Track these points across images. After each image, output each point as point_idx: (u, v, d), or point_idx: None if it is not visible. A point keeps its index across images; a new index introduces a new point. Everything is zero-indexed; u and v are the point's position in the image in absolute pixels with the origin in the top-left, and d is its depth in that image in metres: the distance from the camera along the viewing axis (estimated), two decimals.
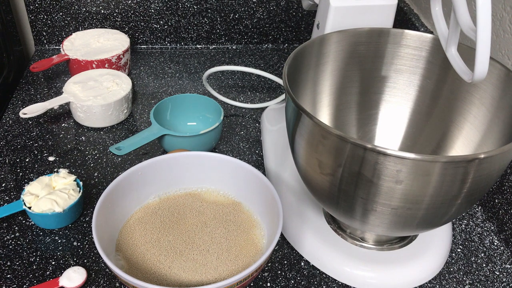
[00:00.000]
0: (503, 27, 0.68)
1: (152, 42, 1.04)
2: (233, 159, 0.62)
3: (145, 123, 0.84)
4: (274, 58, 1.03)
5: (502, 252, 0.66)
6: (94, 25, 1.00)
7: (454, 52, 0.52)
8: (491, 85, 0.58)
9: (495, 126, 0.58)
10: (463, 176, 0.46)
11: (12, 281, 0.58)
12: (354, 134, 0.69)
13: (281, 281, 0.60)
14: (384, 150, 0.45)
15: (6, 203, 0.68)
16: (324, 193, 0.55)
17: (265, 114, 0.83)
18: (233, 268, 0.56)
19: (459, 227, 0.69)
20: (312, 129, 0.50)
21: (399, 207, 0.49)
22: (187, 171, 0.64)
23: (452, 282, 0.61)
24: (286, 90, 0.53)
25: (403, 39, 0.64)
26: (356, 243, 0.62)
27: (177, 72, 0.97)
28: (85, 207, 0.68)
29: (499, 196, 0.67)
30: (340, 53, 0.64)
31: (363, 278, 0.60)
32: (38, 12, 0.97)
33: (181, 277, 0.54)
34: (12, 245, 0.63)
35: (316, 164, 0.52)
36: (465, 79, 0.49)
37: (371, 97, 0.68)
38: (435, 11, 0.54)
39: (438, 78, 0.64)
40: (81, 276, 0.58)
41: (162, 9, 0.99)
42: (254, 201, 0.62)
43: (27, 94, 0.89)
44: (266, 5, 1.01)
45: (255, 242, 0.59)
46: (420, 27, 0.89)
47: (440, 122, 0.65)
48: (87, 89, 0.82)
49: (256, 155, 0.79)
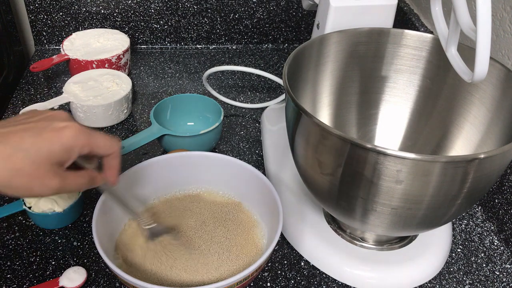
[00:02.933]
0: (503, 27, 0.68)
1: (152, 42, 1.04)
2: (233, 159, 0.62)
3: (145, 123, 0.84)
4: (274, 58, 1.03)
5: (502, 252, 0.66)
6: (94, 25, 1.00)
7: (454, 52, 0.52)
8: (491, 85, 0.58)
9: (495, 126, 0.58)
10: (463, 176, 0.46)
11: (12, 281, 0.58)
12: (354, 134, 0.69)
13: (281, 281, 0.60)
14: (384, 150, 0.45)
15: (6, 203, 0.68)
16: (324, 193, 0.55)
17: (265, 114, 0.83)
18: (233, 268, 0.56)
19: (459, 227, 0.69)
20: (312, 129, 0.50)
21: (399, 207, 0.49)
22: (187, 171, 0.64)
23: (452, 282, 0.61)
24: (286, 90, 0.53)
25: (403, 39, 0.64)
26: (356, 243, 0.62)
27: (177, 72, 0.97)
28: (85, 207, 0.68)
29: (499, 196, 0.67)
30: (340, 53, 0.64)
31: (363, 278, 0.60)
32: (38, 12, 0.97)
33: (182, 277, 0.54)
34: (12, 245, 0.63)
35: (316, 164, 0.52)
36: (465, 79, 0.49)
37: (371, 97, 0.68)
38: (435, 11, 0.54)
39: (438, 78, 0.64)
40: (81, 276, 0.58)
41: (162, 9, 0.99)
42: (254, 201, 0.62)
43: (27, 94, 0.89)
44: (266, 5, 1.01)
45: (255, 242, 0.59)
46: (420, 27, 0.89)
47: (440, 122, 0.65)
48: (87, 89, 0.82)
49: (256, 155, 0.79)
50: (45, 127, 0.44)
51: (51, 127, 0.44)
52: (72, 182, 0.47)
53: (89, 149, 0.47)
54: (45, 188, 0.44)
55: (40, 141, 0.43)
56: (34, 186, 0.43)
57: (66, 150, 0.45)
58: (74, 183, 0.47)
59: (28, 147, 0.42)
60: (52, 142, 0.44)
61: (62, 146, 0.44)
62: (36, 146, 0.43)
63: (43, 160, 0.43)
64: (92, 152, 0.48)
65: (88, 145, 0.46)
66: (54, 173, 0.44)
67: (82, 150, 0.46)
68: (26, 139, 0.43)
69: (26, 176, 0.43)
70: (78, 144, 0.45)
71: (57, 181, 0.45)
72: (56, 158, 0.44)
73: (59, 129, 0.44)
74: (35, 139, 0.43)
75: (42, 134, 0.44)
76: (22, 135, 0.43)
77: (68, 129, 0.44)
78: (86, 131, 0.46)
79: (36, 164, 0.43)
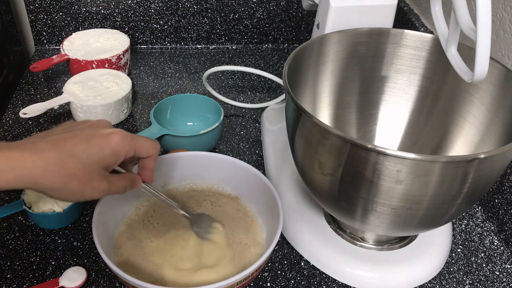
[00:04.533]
0: (503, 27, 0.68)
1: (152, 42, 1.04)
2: (233, 159, 0.62)
3: (145, 123, 0.84)
4: (274, 58, 1.03)
5: (502, 252, 0.66)
6: (94, 25, 1.00)
7: (454, 52, 0.52)
8: (491, 85, 0.58)
9: (495, 126, 0.58)
10: (463, 176, 0.46)
11: (12, 281, 0.58)
12: (354, 134, 0.69)
13: (281, 281, 0.60)
14: (384, 150, 0.45)
15: (6, 203, 0.68)
16: (324, 193, 0.55)
17: (265, 114, 0.83)
18: (233, 268, 0.56)
19: (459, 227, 0.69)
20: (312, 129, 0.50)
21: (399, 207, 0.49)
22: (187, 171, 0.64)
23: (452, 282, 0.61)
24: (286, 90, 0.53)
25: (403, 39, 0.64)
26: (356, 243, 0.62)
27: (177, 72, 0.97)
28: (85, 207, 0.68)
29: (499, 196, 0.67)
30: (340, 53, 0.64)
31: (363, 278, 0.60)
32: (38, 12, 0.97)
33: (182, 277, 0.54)
34: (12, 245, 0.63)
35: (316, 164, 0.52)
36: (465, 79, 0.49)
37: (371, 97, 0.68)
38: (435, 11, 0.54)
39: (438, 78, 0.64)
40: (81, 276, 0.58)
41: (162, 9, 0.99)
42: (254, 201, 0.62)
43: (27, 94, 0.89)
44: (266, 5, 1.01)
45: (255, 242, 0.59)
46: (420, 27, 0.89)
47: (440, 122, 0.65)
48: (87, 89, 0.82)
49: (256, 155, 0.79)
50: (93, 134, 0.47)
51: (99, 134, 0.47)
52: (118, 184, 0.50)
53: (133, 153, 0.50)
54: (95, 191, 0.47)
55: (90, 147, 0.46)
56: (85, 190, 0.46)
57: (115, 154, 0.47)
58: (120, 185, 0.50)
59: (80, 153, 0.45)
60: (101, 148, 0.46)
61: (111, 151, 0.47)
62: (87, 152, 0.45)
63: (93, 165, 0.46)
64: (136, 155, 0.51)
65: (133, 149, 0.49)
66: (103, 176, 0.47)
67: (128, 153, 0.49)
68: (78, 146, 0.45)
69: (79, 180, 0.45)
70: (125, 148, 0.48)
71: (105, 184, 0.47)
72: (105, 162, 0.47)
73: (106, 135, 0.47)
74: (86, 145, 0.45)
75: (92, 140, 0.46)
76: (74, 141, 0.45)
77: (115, 135, 0.47)
78: (130, 135, 0.49)
79: (88, 169, 0.45)
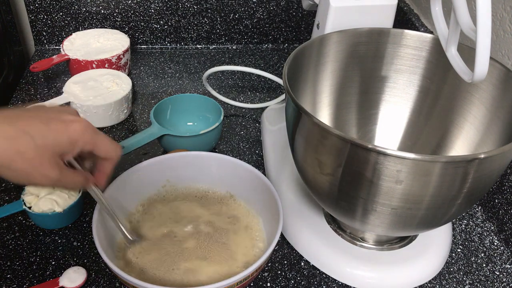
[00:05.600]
0: (503, 27, 0.68)
1: (152, 42, 1.04)
2: (233, 159, 0.62)
3: (145, 123, 0.84)
4: (274, 58, 1.03)
5: (502, 252, 0.66)
6: (94, 25, 1.00)
7: (454, 52, 0.52)
8: (491, 85, 0.58)
9: (495, 126, 0.58)
10: (463, 176, 0.46)
11: (12, 281, 0.58)
12: (354, 134, 0.69)
13: (281, 281, 0.60)
14: (384, 150, 0.45)
15: (6, 203, 0.68)
16: (324, 193, 0.55)
17: (265, 114, 0.83)
18: (233, 268, 0.56)
19: (459, 227, 0.69)
20: (312, 129, 0.50)
21: (399, 207, 0.49)
22: (187, 171, 0.64)
23: (452, 282, 0.61)
24: (286, 90, 0.53)
25: (403, 39, 0.64)
26: (356, 243, 0.62)
27: (177, 72, 0.97)
28: (85, 207, 0.68)
29: (499, 196, 0.67)
30: (340, 53, 0.64)
31: (363, 278, 0.60)
32: (38, 12, 0.97)
33: (181, 277, 0.54)
34: (12, 245, 0.63)
35: (316, 164, 0.52)
36: (465, 79, 0.49)
37: (371, 97, 0.68)
38: (435, 11, 0.54)
39: (438, 78, 0.64)
40: (81, 276, 0.58)
41: (162, 9, 0.99)
42: (254, 201, 0.62)
43: (27, 94, 0.89)
44: (266, 5, 1.01)
45: (255, 242, 0.59)
46: (420, 27, 0.89)
47: (440, 122, 0.65)
48: (87, 89, 0.82)
49: (256, 155, 0.79)
50: (54, 118, 0.45)
51: (61, 119, 0.45)
52: (69, 178, 0.47)
53: (92, 147, 0.48)
54: (44, 177, 0.45)
55: (47, 130, 0.44)
56: (33, 172, 0.44)
57: (71, 143, 0.45)
58: (71, 180, 0.48)
59: (34, 133, 0.43)
60: (58, 132, 0.44)
61: (68, 139, 0.45)
62: (42, 133, 0.43)
63: (47, 148, 0.44)
64: (93, 151, 0.48)
65: (92, 143, 0.47)
66: (55, 164, 0.45)
67: (85, 146, 0.47)
68: (34, 125, 0.43)
69: (28, 160, 0.43)
70: (83, 140, 0.46)
71: (57, 172, 0.45)
72: (60, 149, 0.45)
73: (68, 122, 0.45)
74: (43, 127, 0.44)
75: (50, 123, 0.44)
76: (30, 121, 0.44)
77: (76, 123, 0.45)
78: (93, 129, 0.47)
79: (40, 151, 0.43)
